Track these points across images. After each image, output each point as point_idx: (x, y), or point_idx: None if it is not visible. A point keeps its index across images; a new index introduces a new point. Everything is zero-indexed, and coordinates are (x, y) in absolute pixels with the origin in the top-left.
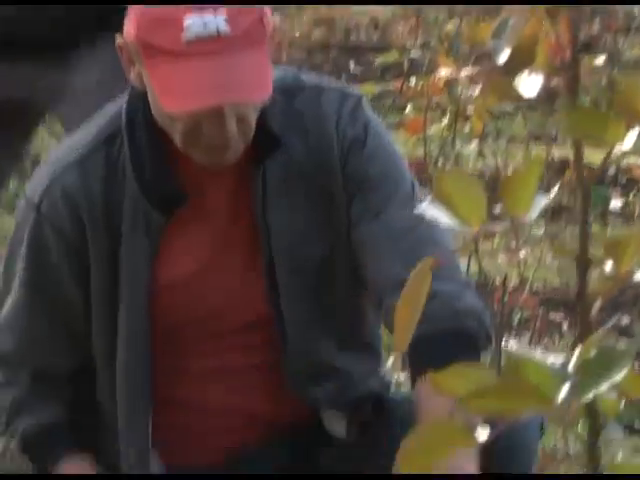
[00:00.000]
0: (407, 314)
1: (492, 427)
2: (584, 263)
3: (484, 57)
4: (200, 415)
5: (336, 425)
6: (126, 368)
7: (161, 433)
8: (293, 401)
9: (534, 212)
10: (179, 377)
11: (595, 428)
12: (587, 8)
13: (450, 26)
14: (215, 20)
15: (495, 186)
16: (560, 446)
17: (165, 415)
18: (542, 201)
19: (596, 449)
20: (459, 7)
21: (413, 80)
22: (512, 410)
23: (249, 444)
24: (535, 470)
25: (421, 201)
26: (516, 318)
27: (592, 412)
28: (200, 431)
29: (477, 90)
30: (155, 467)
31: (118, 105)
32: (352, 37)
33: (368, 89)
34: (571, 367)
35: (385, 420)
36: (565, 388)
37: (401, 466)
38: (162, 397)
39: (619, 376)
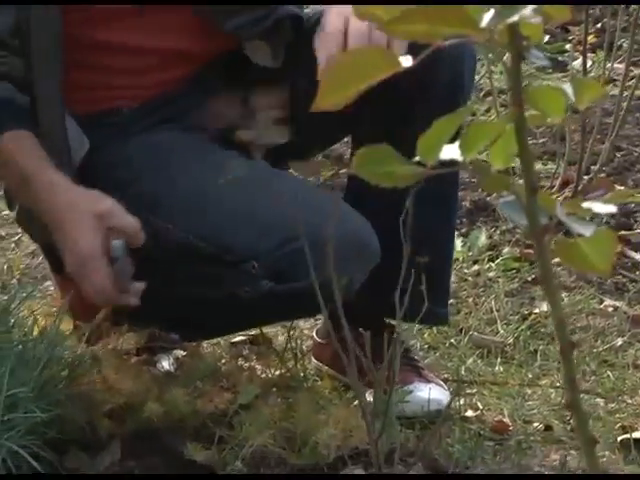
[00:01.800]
0: None
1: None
2: None
3: None
4: (122, 55)
5: (261, 55)
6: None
7: (84, 78)
8: (217, 35)
9: None
10: (93, 23)
11: (519, 54)
12: None
13: None
14: None
15: None
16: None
17: (83, 60)
18: None
19: (518, 91)
20: None
21: None
22: (438, 34)
23: (181, 80)
24: None
25: None
26: None
27: (516, 37)
28: (124, 71)
29: None
30: (73, 130)
31: None
32: None
33: None
34: None
35: (306, 39)
36: (490, 12)
37: (321, 97)
38: (79, 46)
39: None
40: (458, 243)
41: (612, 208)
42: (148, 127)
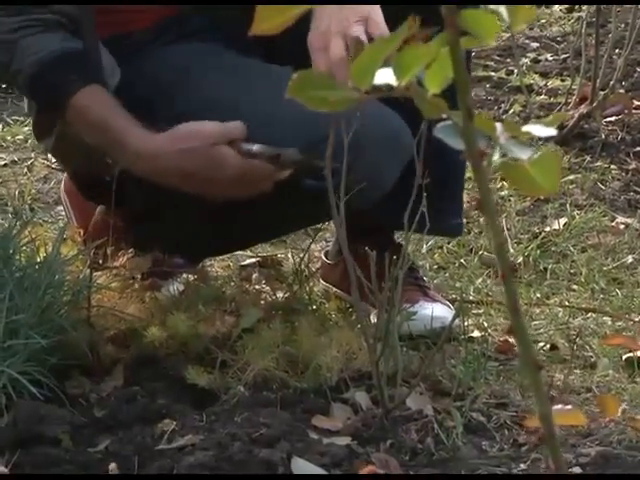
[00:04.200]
0: None
1: None
2: None
3: None
4: None
5: None
6: None
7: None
8: None
9: None
10: None
11: None
12: None
13: None
14: None
15: None
16: None
17: None
18: None
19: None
20: None
21: None
22: None
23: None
24: None
25: None
26: None
27: None
28: None
29: None
30: (106, 57)
31: None
32: None
33: None
34: None
35: None
36: None
37: (258, 22)
38: None
39: None
40: None
41: (552, 131)
42: (161, 45)
